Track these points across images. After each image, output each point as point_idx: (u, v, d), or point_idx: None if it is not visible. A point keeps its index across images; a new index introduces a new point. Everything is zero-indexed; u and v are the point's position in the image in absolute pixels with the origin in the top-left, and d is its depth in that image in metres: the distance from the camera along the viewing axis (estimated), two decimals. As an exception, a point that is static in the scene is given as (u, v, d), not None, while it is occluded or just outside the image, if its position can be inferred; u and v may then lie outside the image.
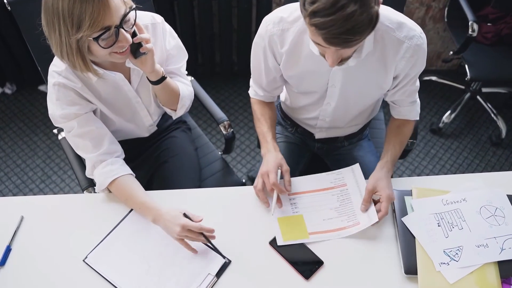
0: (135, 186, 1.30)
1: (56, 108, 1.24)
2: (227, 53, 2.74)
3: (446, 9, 2.55)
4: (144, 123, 1.52)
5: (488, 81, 2.53)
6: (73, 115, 1.25)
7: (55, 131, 1.68)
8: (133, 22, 1.15)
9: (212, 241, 1.21)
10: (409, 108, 1.43)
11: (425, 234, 1.24)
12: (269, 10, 2.49)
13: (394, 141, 1.40)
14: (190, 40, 2.62)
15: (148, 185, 1.56)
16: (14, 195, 2.35)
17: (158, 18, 1.34)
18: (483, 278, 1.18)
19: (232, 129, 1.69)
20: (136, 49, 1.20)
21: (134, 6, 1.14)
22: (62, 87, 1.23)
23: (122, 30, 1.11)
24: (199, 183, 1.60)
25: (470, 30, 2.14)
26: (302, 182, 1.38)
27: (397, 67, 1.26)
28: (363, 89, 1.35)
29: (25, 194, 2.35)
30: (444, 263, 1.19)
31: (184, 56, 1.47)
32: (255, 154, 2.54)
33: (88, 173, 1.33)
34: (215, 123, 2.16)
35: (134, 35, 1.17)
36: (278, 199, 1.31)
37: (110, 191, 1.32)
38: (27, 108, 2.72)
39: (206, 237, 1.19)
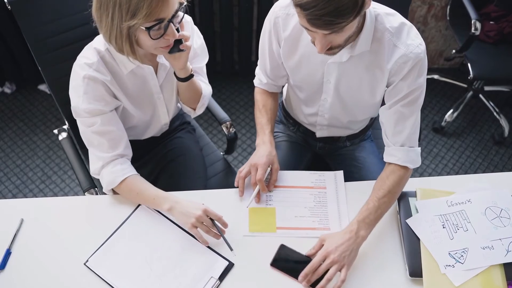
0: (146, 182, 1.30)
1: (82, 101, 1.22)
2: (228, 52, 2.73)
3: (448, 7, 2.54)
4: (161, 121, 1.52)
5: (491, 80, 2.52)
6: (98, 111, 1.24)
7: (55, 131, 1.66)
8: (181, 19, 1.18)
9: (215, 243, 1.20)
10: (401, 150, 1.27)
11: (429, 235, 1.23)
12: (270, 8, 2.48)
13: (371, 198, 1.23)
14: (191, 39, 2.60)
15: (154, 184, 1.54)
16: (13, 195, 2.33)
17: (188, 17, 1.35)
18: (489, 280, 1.17)
19: (234, 129, 1.67)
20: (174, 45, 1.21)
21: (185, 3, 1.16)
22: (92, 81, 1.22)
23: (171, 24, 1.13)
24: (206, 182, 1.60)
25: (473, 28, 2.13)
26: (284, 176, 1.38)
27: (390, 73, 1.23)
28: (356, 88, 1.32)
29: (24, 195, 2.34)
30: (449, 265, 1.18)
31: (206, 56, 1.48)
32: (257, 153, 2.52)
33: (94, 172, 1.31)
34: (216, 123, 2.14)
35: (177, 30, 1.18)
36: (258, 194, 1.31)
37: (114, 193, 1.31)
38: (26, 108, 2.70)
39: (218, 230, 1.21)
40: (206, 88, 1.48)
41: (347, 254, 1.15)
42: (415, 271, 1.18)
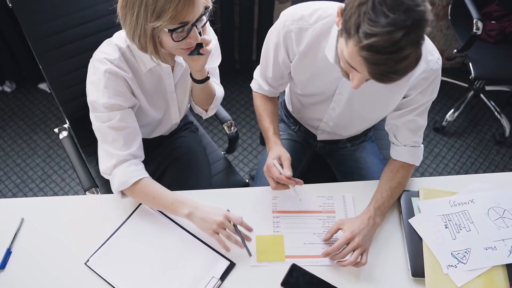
0: (161, 186, 1.27)
1: (102, 95, 1.20)
2: (229, 51, 2.72)
3: (450, 6, 2.53)
4: (171, 120, 1.52)
5: (492, 79, 2.51)
6: (117, 106, 1.22)
7: (55, 130, 1.66)
8: (205, 23, 1.16)
9: (216, 243, 1.19)
10: (410, 150, 1.34)
11: (432, 236, 1.22)
12: (271, 8, 2.48)
13: (383, 188, 1.29)
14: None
15: (158, 182, 1.54)
16: (14, 194, 2.33)
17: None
18: (491, 281, 1.16)
19: (235, 129, 1.67)
20: (194, 48, 1.19)
21: (210, 6, 1.14)
22: (113, 75, 1.20)
23: (194, 28, 1.12)
24: (211, 181, 1.60)
25: (474, 28, 2.12)
26: (289, 201, 1.32)
27: (409, 88, 1.23)
28: (370, 102, 1.31)
29: (25, 194, 2.33)
30: (451, 265, 1.18)
31: (219, 57, 1.47)
32: (257, 153, 2.52)
33: (105, 171, 1.26)
34: (216, 122, 2.13)
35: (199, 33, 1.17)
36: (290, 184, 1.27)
37: (123, 196, 1.27)
38: (26, 107, 2.70)
39: (241, 237, 1.19)
40: (219, 89, 1.47)
41: (367, 238, 1.19)
42: (418, 271, 1.18)
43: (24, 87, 2.78)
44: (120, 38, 1.24)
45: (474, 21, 2.11)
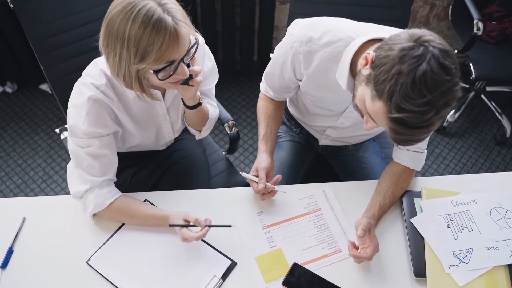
0: (135, 202, 1.26)
1: (83, 122, 1.15)
2: (230, 52, 2.72)
3: (450, 7, 2.53)
4: (166, 139, 1.49)
5: (493, 80, 2.51)
6: (97, 133, 1.18)
7: (57, 130, 1.66)
8: (193, 55, 1.11)
9: (217, 242, 1.20)
10: (413, 155, 1.32)
11: (434, 235, 1.22)
12: (272, 9, 2.48)
13: (386, 192, 1.29)
14: (193, 38, 2.59)
15: (155, 186, 1.54)
16: (15, 195, 2.33)
17: (200, 39, 1.27)
18: (493, 281, 1.16)
19: (236, 129, 1.67)
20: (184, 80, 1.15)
21: (198, 40, 1.10)
22: (97, 103, 1.15)
23: (181, 64, 1.07)
24: (209, 185, 1.58)
25: (475, 28, 2.11)
26: (276, 211, 1.31)
27: None
28: None
29: (26, 194, 2.33)
30: (453, 265, 1.18)
31: (216, 77, 1.42)
32: (258, 153, 2.51)
33: (76, 194, 1.23)
34: (217, 122, 2.13)
35: (187, 65, 1.12)
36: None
37: (93, 216, 1.25)
38: (28, 107, 2.70)
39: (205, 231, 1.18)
40: (213, 111, 1.42)
41: None
42: (420, 271, 1.18)
43: (25, 88, 2.78)
44: (106, 63, 1.17)
45: (474, 22, 2.11)
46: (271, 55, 1.39)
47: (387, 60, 0.91)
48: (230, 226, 1.19)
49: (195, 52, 1.10)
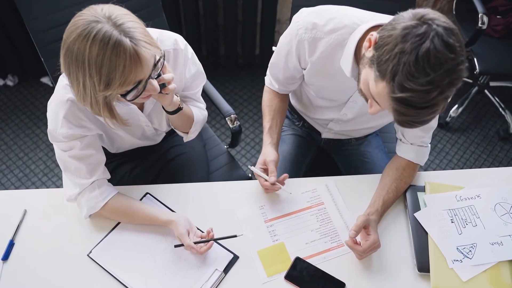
0: (131, 202, 1.24)
1: (61, 126, 1.11)
2: (231, 45, 2.71)
3: (455, 1, 2.51)
4: (156, 139, 1.49)
5: (497, 75, 2.50)
6: (77, 135, 1.15)
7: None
8: (161, 68, 1.05)
9: (219, 235, 1.19)
10: (417, 149, 1.31)
11: (437, 230, 1.21)
12: (275, 2, 2.46)
13: (389, 187, 1.27)
14: (194, 31, 2.58)
15: (154, 182, 1.52)
16: (16, 188, 2.32)
17: (181, 44, 1.24)
18: (497, 276, 1.15)
19: (238, 123, 1.66)
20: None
21: (163, 53, 1.05)
22: (76, 106, 1.11)
23: (150, 80, 1.03)
24: (207, 181, 1.56)
25: (480, 22, 2.10)
26: (278, 204, 1.31)
27: None
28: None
29: (27, 187, 2.32)
30: (457, 260, 1.17)
31: (203, 80, 1.37)
32: (260, 147, 2.50)
33: (70, 198, 1.22)
34: (219, 116, 2.12)
35: (158, 75, 1.08)
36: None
37: (91, 216, 1.24)
38: (29, 101, 2.69)
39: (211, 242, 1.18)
40: (199, 113, 1.37)
41: None
42: (424, 266, 1.17)
43: (27, 81, 2.77)
44: None
45: (479, 16, 2.09)
46: (273, 48, 1.38)
47: (389, 40, 0.90)
48: (235, 236, 1.18)
49: (162, 65, 1.05)
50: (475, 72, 2.24)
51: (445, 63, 0.85)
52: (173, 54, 1.22)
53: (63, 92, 1.11)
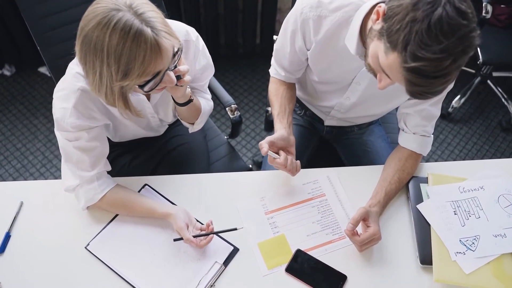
0: (130, 194, 1.23)
1: (70, 115, 1.09)
2: (232, 35, 2.68)
3: (458, -10, 2.47)
4: (160, 131, 1.48)
5: (501, 65, 2.47)
6: (86, 126, 1.13)
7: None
8: (177, 60, 1.04)
9: (219, 228, 1.17)
10: (420, 139, 1.30)
11: (440, 222, 1.20)
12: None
13: (392, 178, 1.26)
14: (194, 21, 2.55)
15: (153, 173, 1.51)
16: (14, 179, 2.31)
17: (193, 35, 1.22)
18: (500, 269, 1.14)
19: (239, 113, 1.64)
20: None
21: (182, 43, 1.04)
22: (86, 94, 1.09)
23: (167, 72, 1.02)
24: (208, 172, 1.55)
25: (483, 11, 2.07)
26: (278, 196, 1.29)
27: None
28: (388, 93, 1.26)
29: (25, 178, 2.31)
30: (460, 252, 1.15)
31: (211, 73, 1.36)
32: (261, 138, 2.49)
33: (68, 188, 1.20)
34: (219, 106, 2.09)
35: (174, 66, 1.07)
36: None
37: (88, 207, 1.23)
38: (26, 91, 2.66)
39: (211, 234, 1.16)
40: (206, 104, 1.37)
41: None
42: (426, 259, 1.16)
43: (24, 71, 2.75)
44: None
45: (483, 5, 2.07)
46: (274, 37, 1.35)
47: (400, 10, 0.88)
48: (236, 229, 1.17)
49: (179, 56, 1.04)
50: (478, 62, 2.21)
51: (458, 30, 0.84)
52: (185, 46, 1.20)
53: (73, 80, 1.09)
